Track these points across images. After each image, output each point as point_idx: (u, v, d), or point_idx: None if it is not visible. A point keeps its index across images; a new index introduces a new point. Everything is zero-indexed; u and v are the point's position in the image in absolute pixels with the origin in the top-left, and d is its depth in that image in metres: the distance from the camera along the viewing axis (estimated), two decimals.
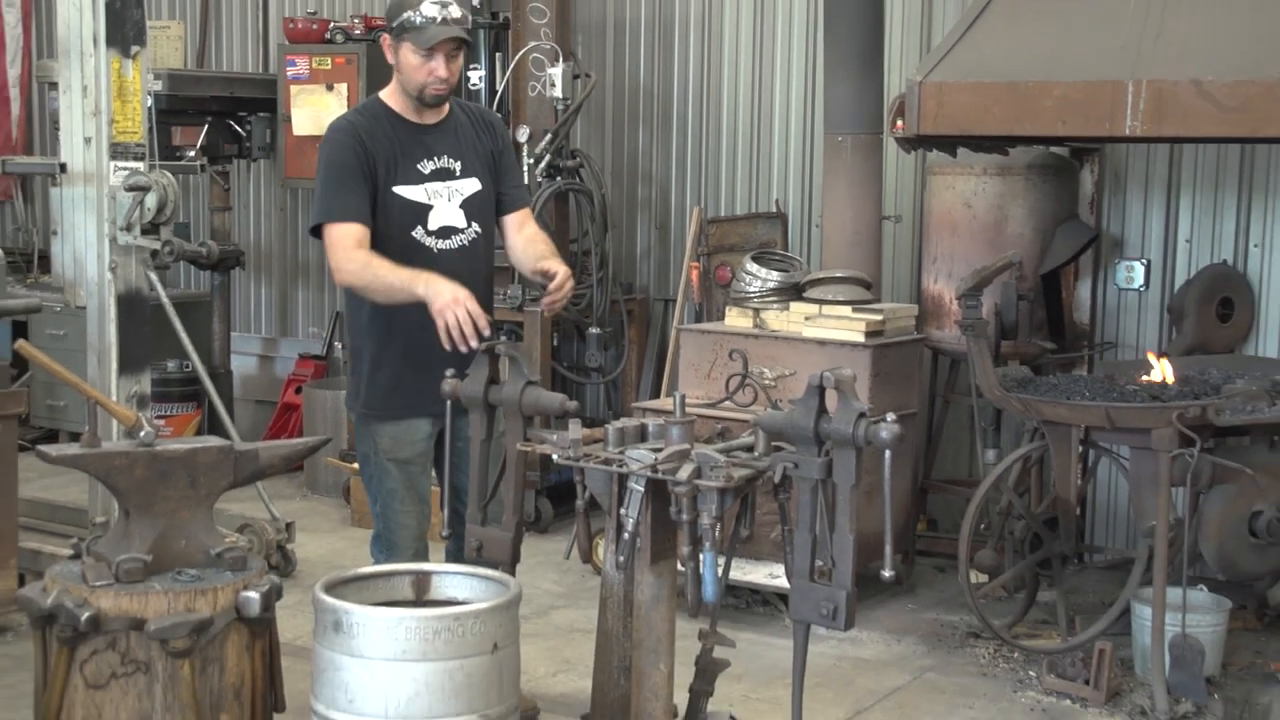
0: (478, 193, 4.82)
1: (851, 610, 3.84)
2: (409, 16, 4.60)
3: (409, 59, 4.63)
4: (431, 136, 4.76)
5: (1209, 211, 6.94)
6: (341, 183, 4.61)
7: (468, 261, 4.76)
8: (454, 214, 4.76)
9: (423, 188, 4.71)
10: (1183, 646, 5.33)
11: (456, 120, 4.85)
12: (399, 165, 4.68)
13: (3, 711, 5.10)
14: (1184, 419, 5.26)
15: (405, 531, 4.85)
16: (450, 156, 4.78)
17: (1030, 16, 5.83)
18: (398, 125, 4.73)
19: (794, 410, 3.86)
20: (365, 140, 4.64)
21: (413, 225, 4.68)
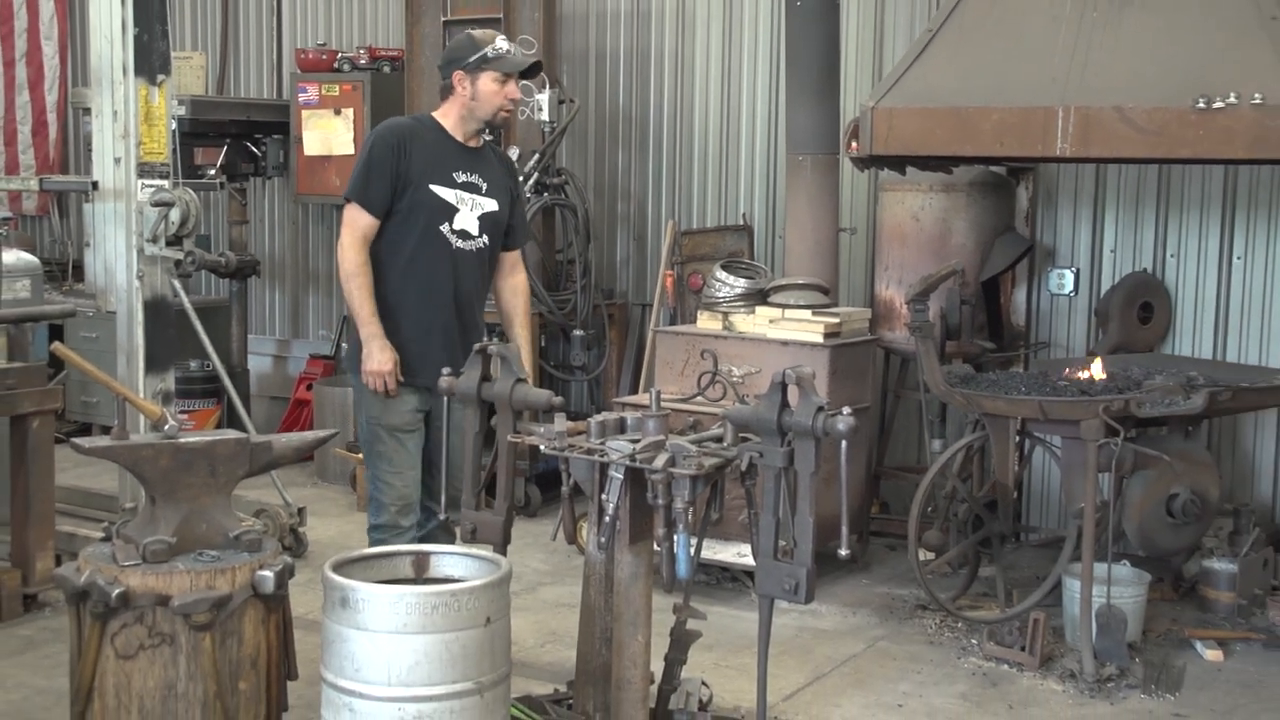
0: (494, 212, 5.05)
1: (811, 585, 3.85)
2: (487, 51, 4.90)
3: (488, 86, 4.91)
4: (468, 156, 5.01)
5: (1131, 225, 6.95)
6: (372, 173, 4.87)
7: (475, 264, 5.04)
8: (472, 222, 4.99)
9: (454, 192, 4.95)
10: (1108, 616, 5.35)
11: (489, 154, 5.13)
12: (437, 167, 4.92)
13: (42, 679, 5.09)
14: (1109, 411, 5.28)
15: (390, 491, 5.01)
16: (480, 176, 5.02)
17: (970, 49, 5.83)
18: (443, 137, 4.98)
19: (759, 404, 3.86)
20: (406, 143, 4.89)
21: (441, 221, 4.93)
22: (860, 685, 5.28)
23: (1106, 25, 5.58)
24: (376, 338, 4.88)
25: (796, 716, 4.97)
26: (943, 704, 5.11)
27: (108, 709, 3.85)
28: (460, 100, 4.98)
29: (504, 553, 4.33)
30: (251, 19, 9.56)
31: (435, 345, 4.94)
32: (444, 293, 4.97)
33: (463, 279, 5.01)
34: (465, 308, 5.05)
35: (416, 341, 4.96)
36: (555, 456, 4.13)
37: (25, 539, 5.75)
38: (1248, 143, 5.16)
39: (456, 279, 4.99)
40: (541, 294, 7.48)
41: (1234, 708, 5.13)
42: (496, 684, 3.87)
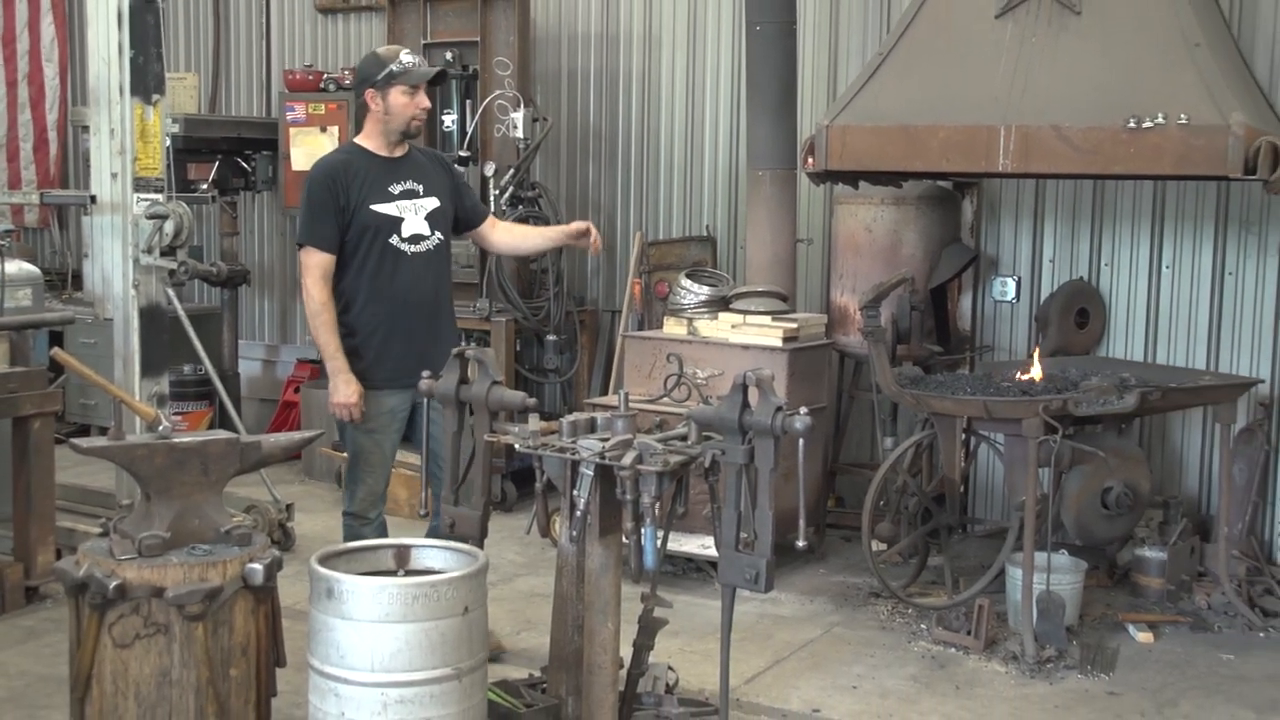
0: (437, 208, 5.05)
1: (771, 575, 3.84)
2: (393, 67, 4.89)
3: (398, 99, 4.90)
4: (397, 167, 5.00)
5: (1068, 236, 6.99)
6: (316, 215, 4.89)
7: (432, 263, 5.04)
8: (421, 224, 4.99)
9: (394, 204, 4.94)
10: (1047, 601, 5.37)
11: (415, 157, 5.10)
12: (372, 188, 4.91)
13: (43, 667, 5.05)
14: (1048, 410, 5.31)
15: (360, 486, 5.07)
16: (414, 181, 5.01)
17: (919, 71, 5.86)
18: (371, 160, 4.97)
19: (721, 405, 3.86)
20: (340, 176, 4.88)
21: (389, 234, 4.91)
22: (817, 668, 5.29)
23: (1044, 50, 5.62)
24: (341, 372, 4.89)
25: (758, 698, 4.97)
26: (894, 685, 5.12)
27: (105, 695, 3.82)
28: (375, 116, 4.98)
29: (481, 545, 4.31)
30: (242, 42, 9.52)
31: (407, 350, 4.94)
32: (406, 299, 4.96)
33: (423, 280, 5.01)
34: (430, 306, 5.04)
35: (388, 349, 4.96)
36: (529, 455, 4.11)
37: (27, 534, 5.71)
38: (1174, 160, 5.21)
39: (416, 282, 4.99)
40: (516, 301, 7.47)
41: (1163, 685, 5.17)
42: (474, 669, 3.85)
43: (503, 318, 7.43)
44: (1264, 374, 6.52)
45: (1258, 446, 6.35)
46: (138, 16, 5.88)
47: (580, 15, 8.22)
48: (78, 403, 8.68)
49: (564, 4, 8.25)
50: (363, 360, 4.95)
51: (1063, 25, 5.63)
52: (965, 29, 5.83)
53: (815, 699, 4.98)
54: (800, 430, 3.70)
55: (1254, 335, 6.60)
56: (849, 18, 7.43)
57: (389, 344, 4.96)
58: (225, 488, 4.15)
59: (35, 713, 4.67)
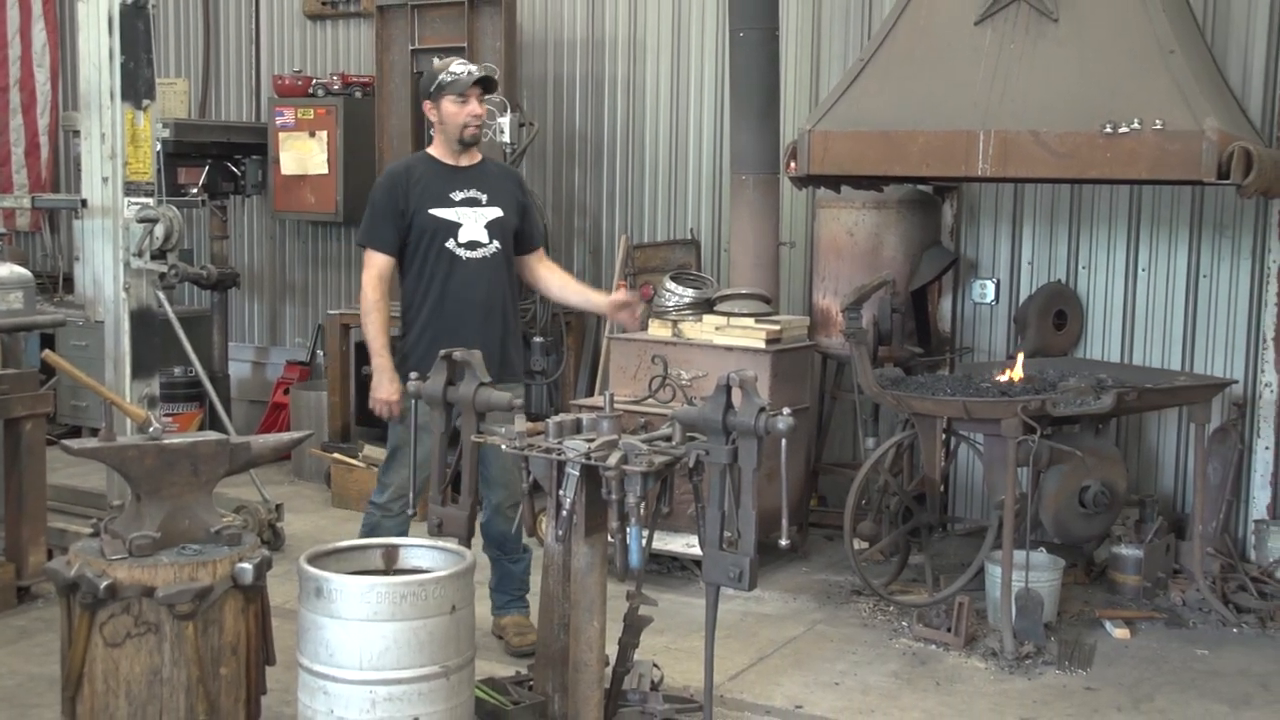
0: (499, 218, 5.11)
1: (754, 573, 3.85)
2: (443, 78, 5.03)
3: (449, 108, 5.03)
4: (463, 175, 5.10)
5: (1046, 239, 7.01)
6: (379, 218, 5.05)
7: (488, 269, 5.09)
8: (479, 232, 5.07)
9: (453, 210, 5.04)
10: (1026, 599, 5.39)
11: (488, 168, 5.21)
12: (432, 193, 5.03)
13: (35, 666, 5.02)
14: (1027, 411, 5.32)
15: (392, 476, 5.14)
16: (478, 190, 5.10)
17: (899, 77, 5.87)
18: (436, 167, 5.11)
19: (705, 406, 3.86)
20: (403, 181, 5.03)
21: (446, 238, 5.02)
22: (800, 665, 5.29)
23: (1023, 57, 5.64)
24: (385, 370, 5.02)
25: (741, 695, 4.97)
26: (876, 682, 5.13)
27: (97, 694, 3.81)
28: (437, 127, 5.12)
29: (468, 545, 4.31)
30: (232, 47, 9.49)
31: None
32: (461, 300, 5.04)
33: (478, 284, 5.06)
34: (487, 309, 5.08)
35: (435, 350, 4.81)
36: (516, 455, 4.12)
37: (19, 535, 5.69)
38: (1150, 164, 5.24)
39: (471, 285, 5.05)
40: None
41: (1139, 680, 5.18)
42: (462, 667, 3.85)
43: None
44: (1238, 375, 6.55)
45: (1231, 446, 6.38)
46: (128, 22, 5.87)
47: (566, 21, 8.23)
48: (69, 404, 8.64)
49: (550, 10, 8.26)
50: (410, 359, 5.01)
51: (1040, 32, 5.65)
52: (945, 35, 5.85)
53: (798, 695, 4.98)
54: (783, 430, 3.71)
55: (1228, 337, 6.63)
56: (831, 24, 7.45)
57: (436, 345, 4.85)
58: (215, 488, 4.15)
59: (27, 711, 4.65)
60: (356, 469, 7.51)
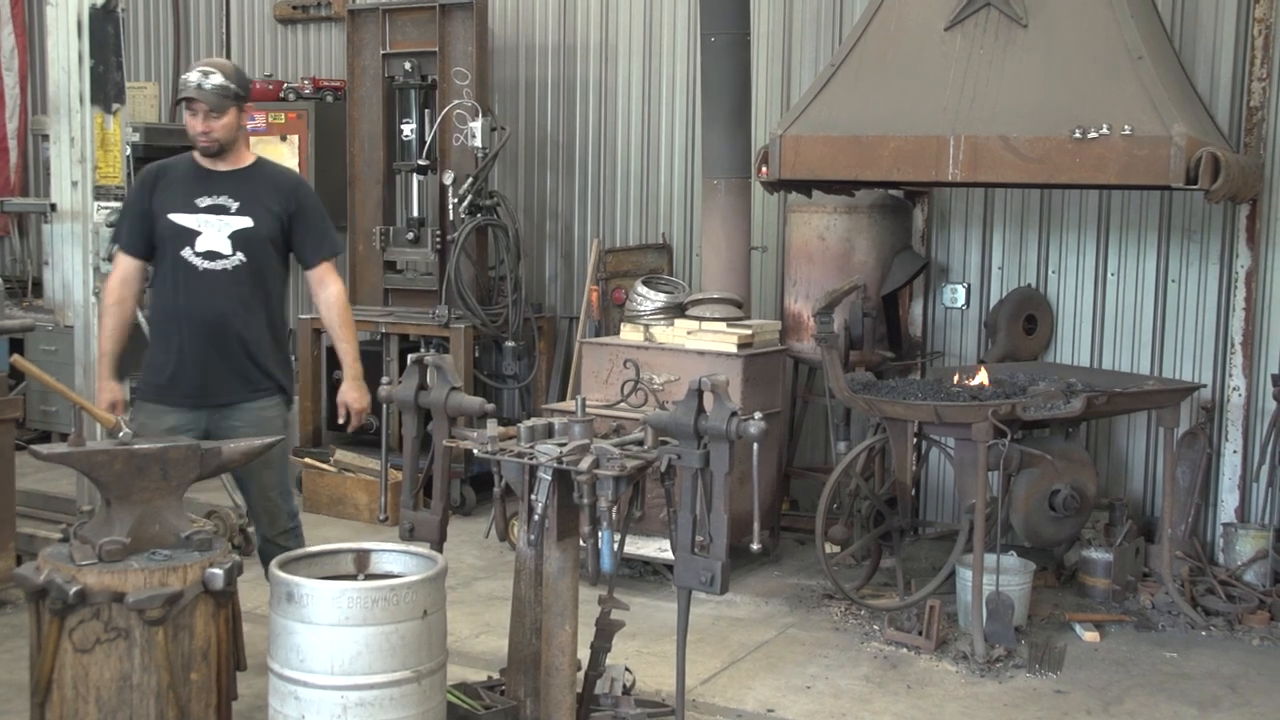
0: (247, 229, 4.70)
1: (726, 577, 3.87)
2: (181, 82, 4.75)
3: (186, 118, 4.73)
4: (217, 180, 4.73)
5: (1016, 244, 7.06)
6: (126, 218, 4.84)
7: (229, 283, 4.69)
8: (221, 241, 4.67)
9: (195, 217, 4.68)
10: (996, 602, 5.42)
11: (254, 176, 4.81)
12: (178, 197, 4.70)
13: (3, 673, 4.99)
14: (997, 415, 5.35)
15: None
16: (229, 197, 4.71)
17: (870, 82, 5.90)
18: (191, 169, 4.76)
19: (677, 410, 3.88)
20: (150, 182, 4.76)
21: (182, 246, 4.67)
22: (772, 669, 5.31)
23: (992, 62, 5.68)
24: (102, 378, 4.76)
25: (714, 699, 4.99)
26: (848, 685, 5.15)
27: (66, 700, 3.79)
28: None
29: (440, 549, 4.31)
30: (202, 51, 9.45)
31: (189, 369, 4.70)
32: (191, 313, 4.67)
33: (215, 297, 4.67)
34: (218, 325, 4.69)
35: (167, 363, 4.72)
36: (488, 459, 4.12)
37: None
38: (1119, 169, 5.28)
39: (205, 298, 4.68)
40: (474, 308, 7.47)
41: (1109, 683, 5.22)
42: (434, 672, 3.85)
43: (461, 324, 7.43)
44: (1206, 379, 6.61)
45: (1200, 450, 6.44)
46: (98, 26, 5.84)
47: (538, 26, 8.23)
48: (38, 409, 8.60)
49: (522, 15, 8.26)
50: (147, 370, 4.75)
51: (1010, 38, 5.69)
52: (915, 41, 5.89)
53: (770, 699, 5.00)
54: (755, 435, 3.72)
55: (1196, 341, 6.69)
56: (802, 29, 7.48)
57: (169, 359, 4.71)
58: (185, 493, 4.13)
59: None
60: (328, 474, 7.49)
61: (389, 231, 7.82)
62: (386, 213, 7.94)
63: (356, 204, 8.00)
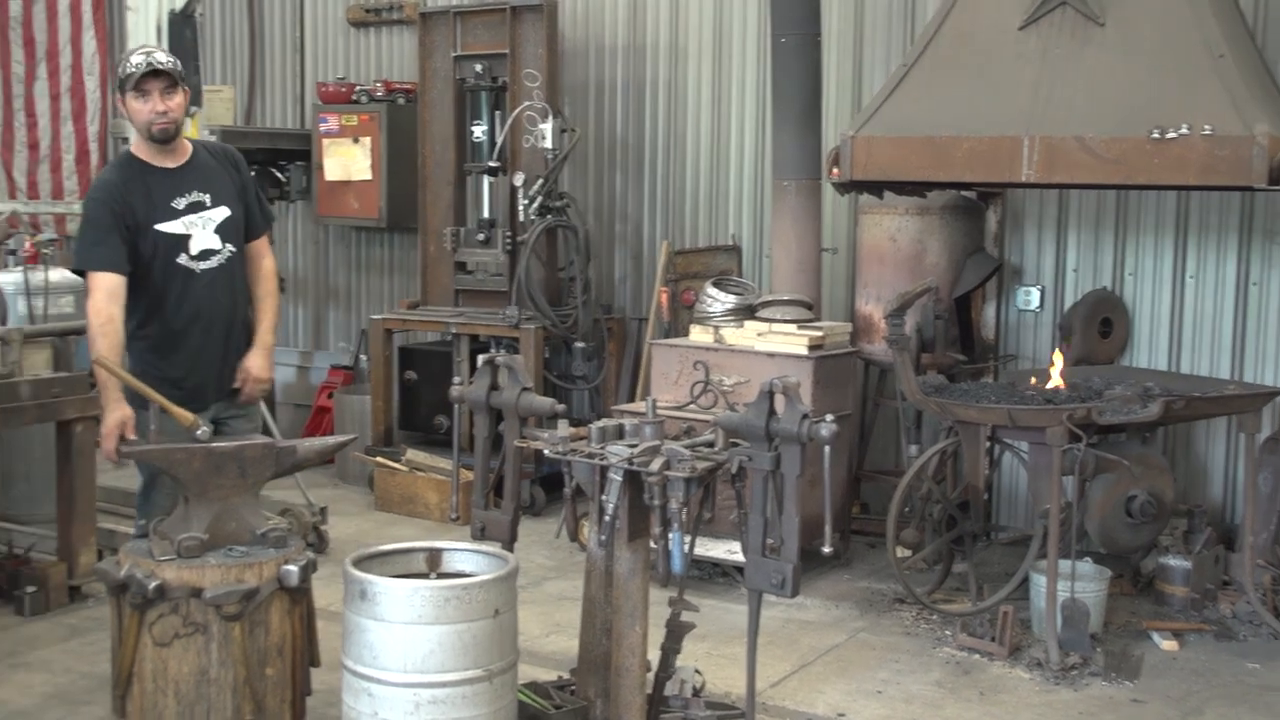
0: (229, 218, 4.63)
1: (797, 580, 3.86)
2: (122, 69, 4.47)
3: (133, 105, 4.46)
4: (179, 177, 4.57)
5: (1092, 246, 6.98)
6: (98, 237, 4.43)
7: (224, 277, 4.62)
8: (210, 239, 4.58)
9: (180, 221, 4.52)
10: (1072, 609, 5.36)
11: (201, 159, 4.67)
12: (155, 206, 4.49)
13: (85, 665, 5.11)
14: (1073, 419, 5.29)
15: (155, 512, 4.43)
16: (199, 191, 4.58)
17: (943, 82, 5.86)
18: (149, 173, 4.54)
19: (748, 412, 3.88)
20: (121, 195, 4.46)
21: (176, 253, 4.51)
22: (842, 673, 5.29)
23: (1069, 61, 5.62)
24: (110, 399, 4.30)
25: (783, 702, 4.98)
26: (919, 690, 5.12)
27: (146, 693, 3.87)
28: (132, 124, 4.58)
29: (511, 549, 4.34)
30: (277, 55, 9.59)
31: (209, 368, 4.60)
32: (200, 317, 4.56)
33: (215, 296, 4.59)
34: (228, 320, 4.65)
35: (189, 372, 4.59)
36: (559, 460, 4.14)
37: (69, 535, 5.79)
38: (1198, 170, 5.20)
39: (207, 300, 4.57)
40: (544, 308, 7.50)
41: (1188, 694, 5.15)
42: (505, 671, 3.88)
43: (531, 325, 7.47)
44: None
45: None
46: (176, 30, 5.97)
47: (608, 27, 8.26)
48: None
49: (592, 16, 8.29)
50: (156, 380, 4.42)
51: (1086, 37, 5.63)
52: (989, 41, 5.84)
53: (840, 703, 4.98)
54: (826, 437, 3.72)
55: (1278, 345, 6.57)
56: (874, 29, 7.45)
57: (185, 363, 4.59)
58: (261, 491, 4.19)
59: (78, 709, 4.73)
60: (399, 473, 7.56)
61: (460, 233, 7.88)
62: (457, 214, 8.01)
63: (428, 205, 8.07)
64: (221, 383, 4.63)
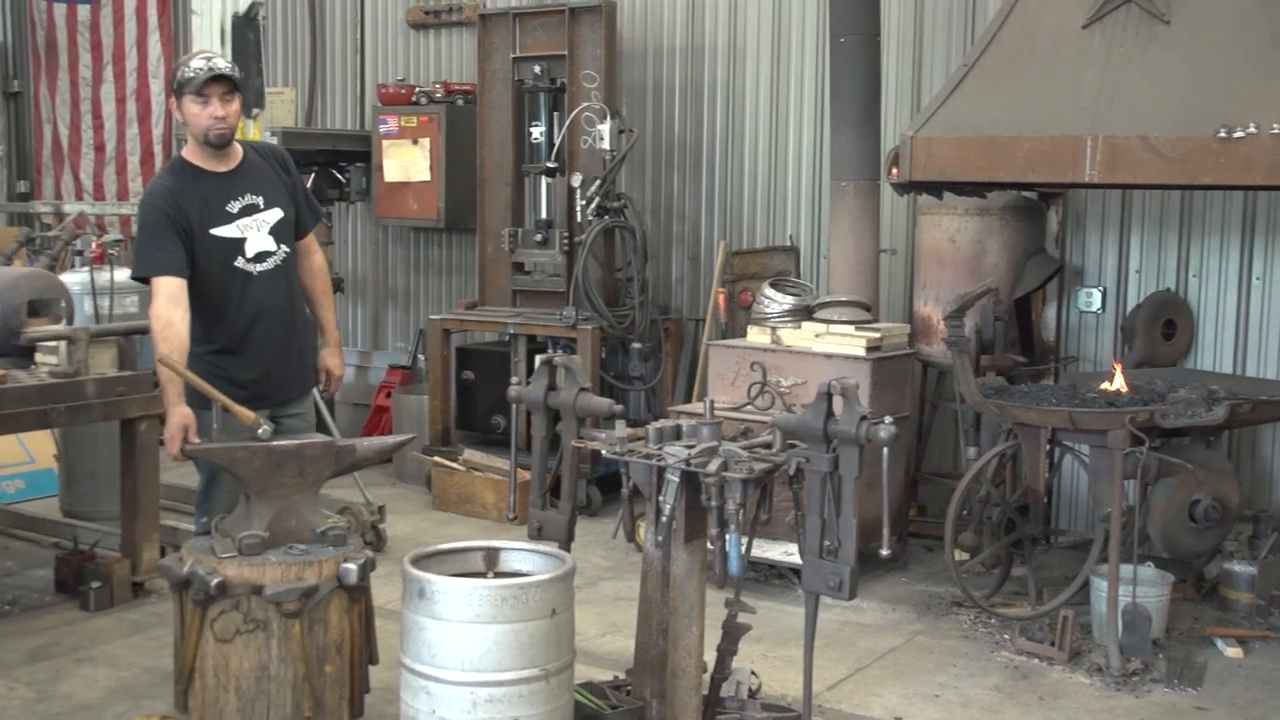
0: (281, 219, 4.67)
1: (854, 583, 3.85)
2: (182, 73, 4.50)
3: (190, 109, 4.49)
4: (232, 181, 4.60)
5: (1155, 246, 6.89)
6: (156, 241, 4.47)
7: (281, 278, 4.67)
8: (265, 241, 4.61)
9: (235, 225, 4.56)
10: (1133, 614, 5.30)
11: (252, 162, 4.70)
12: (210, 211, 4.53)
13: (148, 660, 5.18)
14: (1135, 422, 5.24)
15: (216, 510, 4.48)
16: (252, 194, 4.61)
17: (1004, 81, 5.81)
18: (202, 178, 4.57)
19: (806, 413, 3.86)
20: (175, 200, 4.49)
21: (233, 257, 4.55)
22: (899, 676, 5.26)
23: (1133, 60, 5.55)
24: (172, 402, 4.33)
25: (840, 705, 4.95)
26: (977, 694, 5.08)
27: (208, 688, 3.91)
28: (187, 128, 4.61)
29: (568, 549, 4.35)
30: (338, 57, 9.68)
31: (271, 369, 4.66)
32: (259, 318, 4.61)
33: (273, 296, 4.64)
34: (285, 320, 4.70)
35: (252, 372, 4.62)
36: (616, 460, 4.15)
37: (133, 532, 5.87)
38: (1266, 170, 5.11)
39: (266, 301, 4.63)
40: (602, 309, 7.51)
41: (1253, 702, 5.07)
42: (561, 671, 3.89)
43: (589, 325, 7.48)
44: None
45: None
46: (239, 34, 6.03)
47: (666, 28, 8.26)
48: None
49: (650, 17, 8.30)
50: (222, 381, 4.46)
51: (1152, 35, 5.56)
52: (1052, 39, 5.78)
53: (897, 707, 4.95)
54: (885, 439, 3.70)
55: None
56: (933, 29, 7.39)
57: (251, 366, 4.61)
58: (320, 490, 4.23)
59: (141, 703, 4.79)
60: (457, 472, 7.60)
61: (518, 233, 7.91)
62: (515, 215, 8.04)
63: (486, 206, 8.11)
64: (283, 381, 4.68)
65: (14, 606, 5.82)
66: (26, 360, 5.62)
